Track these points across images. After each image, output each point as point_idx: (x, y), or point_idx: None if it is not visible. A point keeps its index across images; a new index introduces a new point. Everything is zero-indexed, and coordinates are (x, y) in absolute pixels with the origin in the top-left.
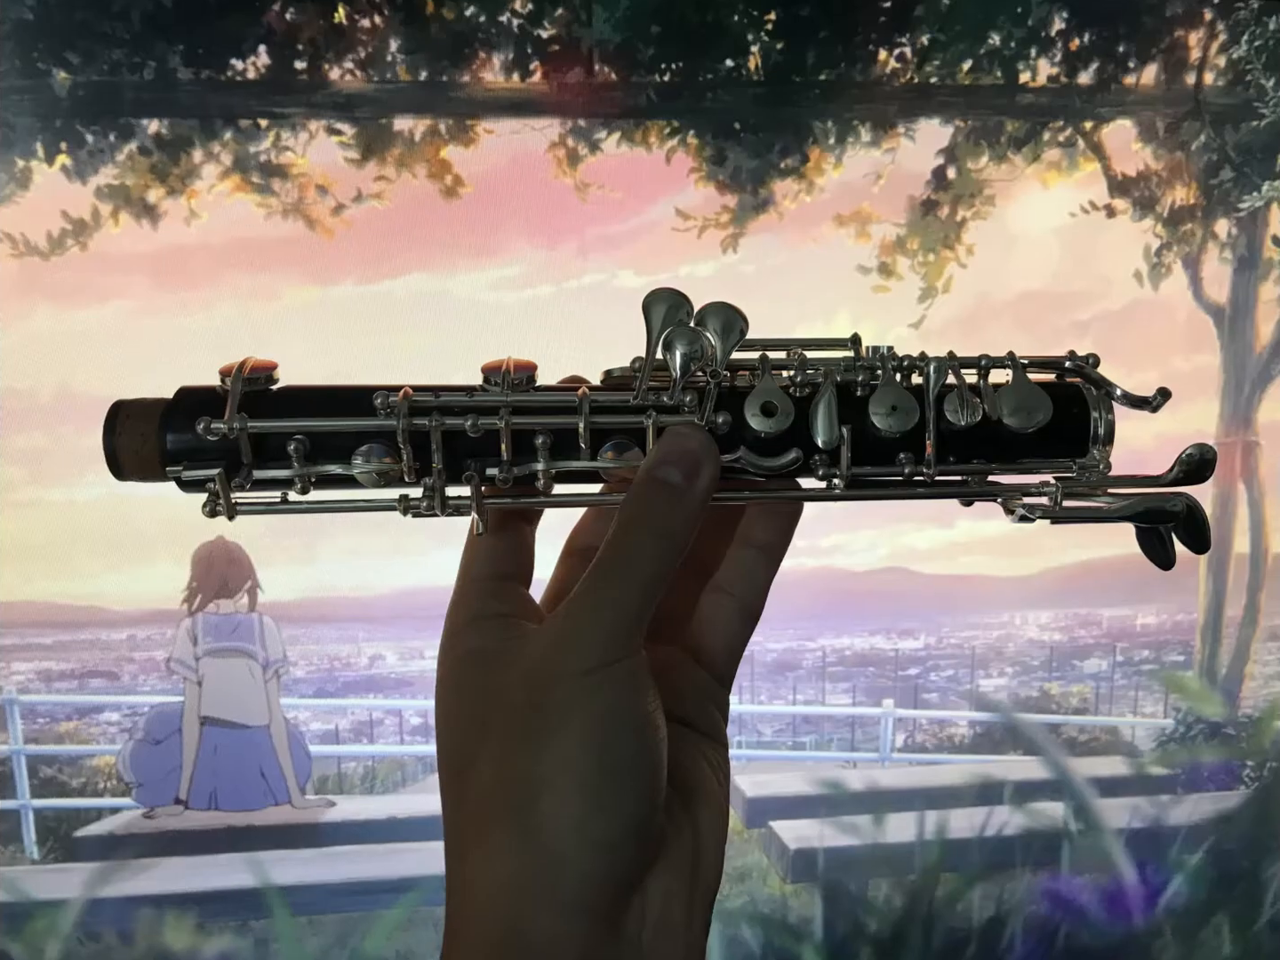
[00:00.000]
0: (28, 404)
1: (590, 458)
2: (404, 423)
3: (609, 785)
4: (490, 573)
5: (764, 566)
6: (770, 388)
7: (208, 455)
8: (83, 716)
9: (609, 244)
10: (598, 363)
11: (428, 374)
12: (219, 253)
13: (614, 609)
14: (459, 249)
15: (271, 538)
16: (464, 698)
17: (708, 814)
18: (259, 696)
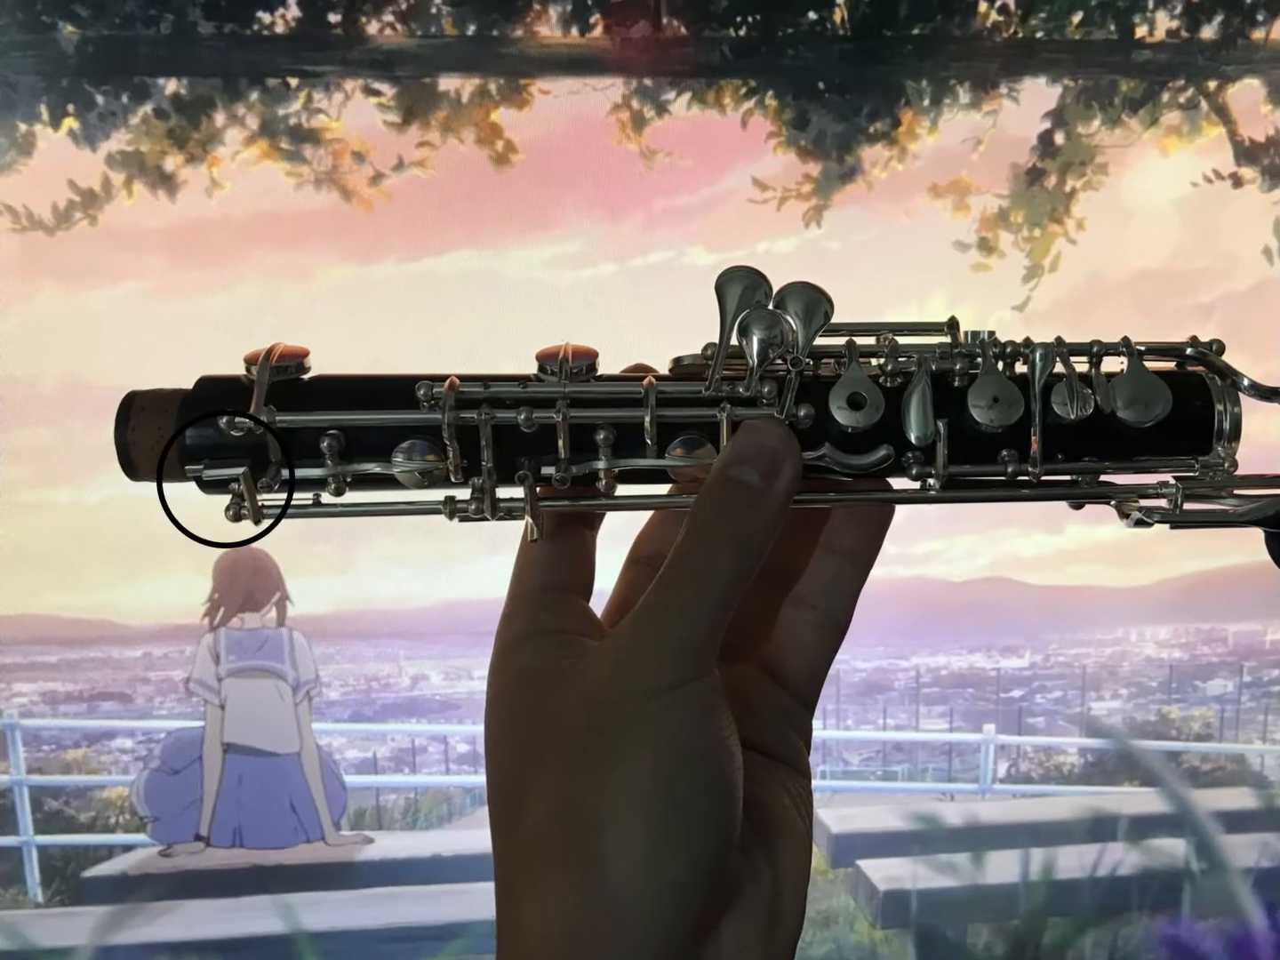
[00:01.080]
0: (31, 395)
1: (657, 455)
2: (450, 416)
3: (678, 820)
4: (546, 583)
5: (851, 576)
6: (858, 377)
7: (231, 452)
8: (92, 743)
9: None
10: (665, 350)
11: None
12: (244, 227)
13: (684, 624)
14: (511, 223)
15: (302, 544)
16: (517, 722)
17: (788, 852)
18: (288, 721)
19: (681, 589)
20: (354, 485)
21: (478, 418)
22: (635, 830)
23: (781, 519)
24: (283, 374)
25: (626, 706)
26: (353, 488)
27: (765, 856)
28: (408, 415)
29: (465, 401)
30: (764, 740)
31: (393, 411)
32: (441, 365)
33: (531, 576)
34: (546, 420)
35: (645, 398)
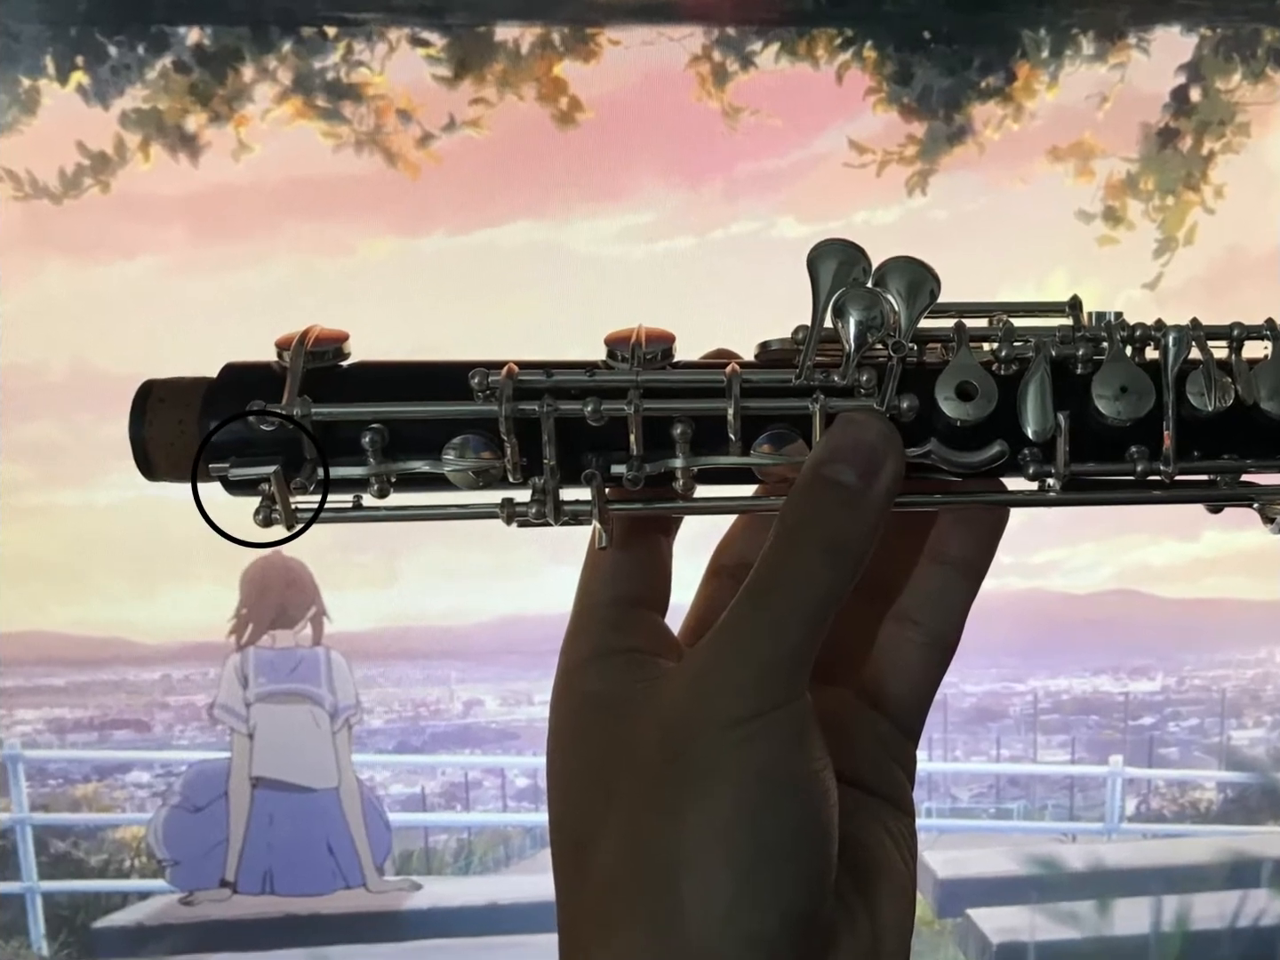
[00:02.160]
0: (34, 385)
1: (742, 452)
2: (508, 408)
3: (765, 864)
4: (616, 597)
5: (960, 589)
6: (968, 364)
7: (261, 449)
8: (104, 777)
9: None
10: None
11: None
12: (275, 195)
13: (771, 642)
14: (576, 191)
15: (341, 553)
16: (583, 754)
17: (889, 899)
18: (325, 752)
19: (769, 603)
20: (399, 486)
21: (539, 410)
22: (717, 876)
23: (881, 523)
24: (319, 360)
25: (707, 736)
26: (398, 489)
27: (863, 905)
28: (460, 407)
29: (525, 391)
30: (862, 773)
31: (443, 403)
32: (498, 351)
33: (600, 589)
34: (617, 413)
35: (728, 387)
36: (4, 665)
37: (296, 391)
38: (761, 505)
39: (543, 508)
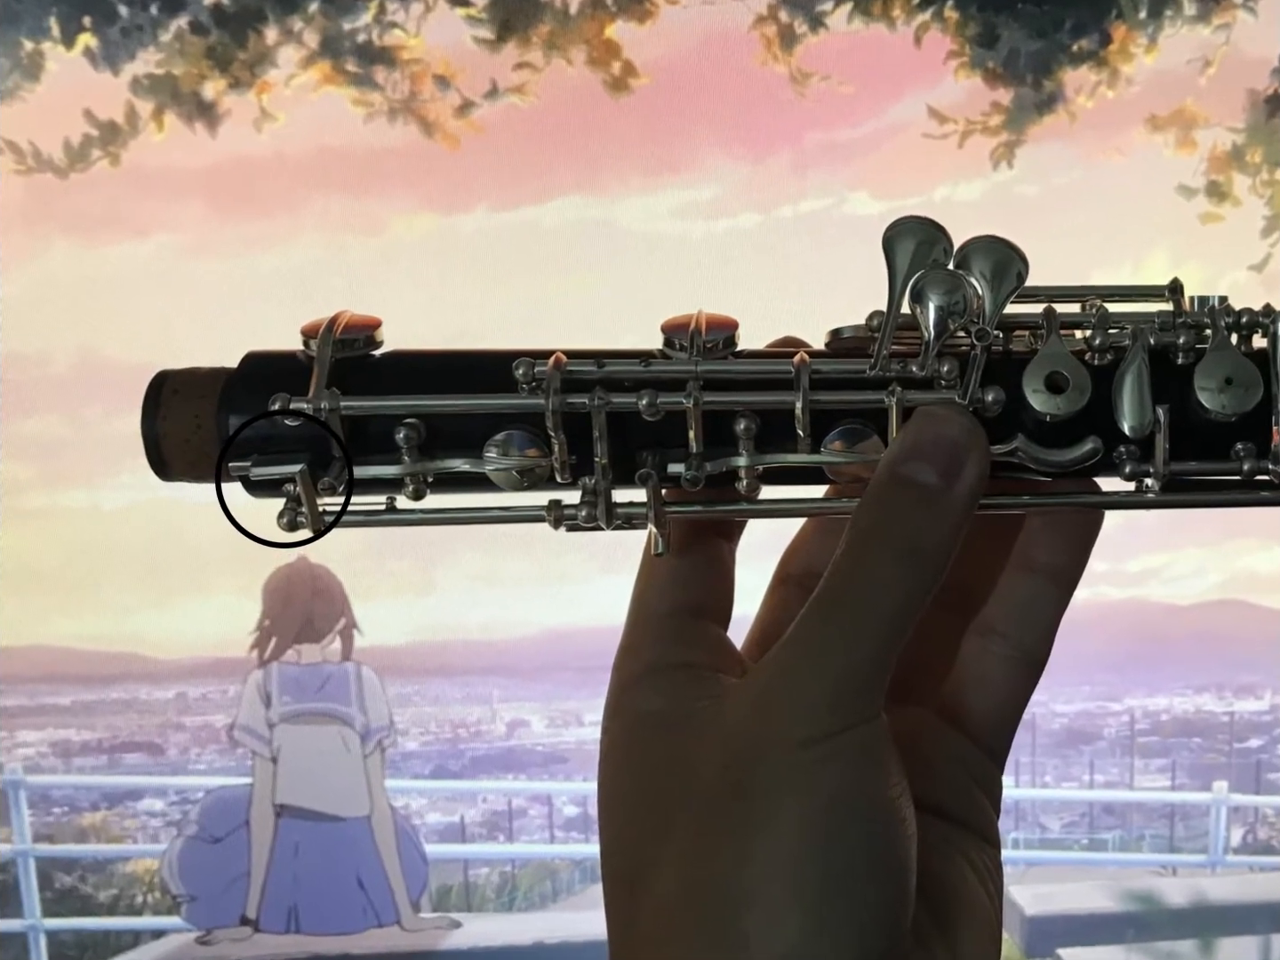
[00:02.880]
0: (38, 376)
1: (811, 449)
2: (555, 401)
3: (836, 898)
4: (674, 607)
5: (1049, 599)
6: (1058, 354)
7: (286, 446)
8: (114, 805)
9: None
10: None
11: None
12: (301, 169)
13: (844, 656)
14: (630, 163)
15: (372, 559)
16: (639, 778)
17: (971, 938)
18: (356, 778)
19: (841, 614)
20: (436, 486)
21: (590, 403)
22: (784, 911)
23: (964, 527)
24: (349, 349)
25: (773, 758)
26: (434, 489)
27: (943, 944)
28: (503, 400)
29: (574, 383)
30: (943, 800)
31: (484, 396)
32: (544, 339)
33: (656, 599)
34: (674, 406)
35: (796, 379)
36: (4, 683)
37: (324, 383)
38: (832, 508)
39: (593, 510)
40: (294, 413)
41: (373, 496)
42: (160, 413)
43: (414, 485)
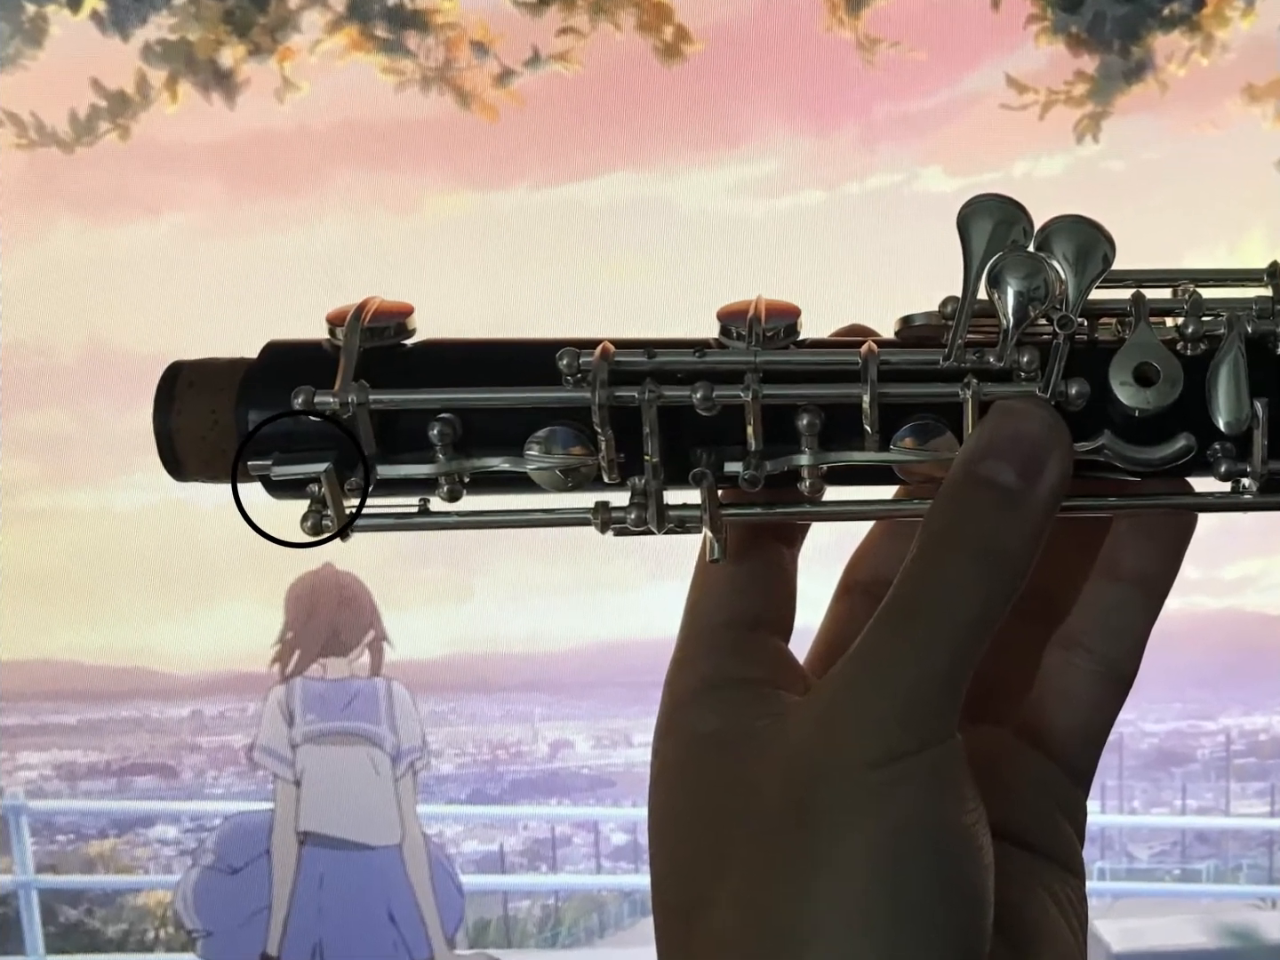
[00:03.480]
0: (41, 367)
1: (879, 446)
2: (603, 395)
3: (907, 933)
4: (731, 618)
5: (1138, 609)
6: (1148, 343)
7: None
8: (123, 833)
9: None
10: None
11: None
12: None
13: (915, 671)
14: (683, 136)
15: (404, 566)
16: (693, 804)
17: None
18: (386, 803)
19: (913, 624)
20: (473, 487)
21: (639, 397)
22: (850, 947)
23: (1045, 531)
24: (378, 338)
25: (839, 782)
26: (471, 490)
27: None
28: (546, 394)
29: (623, 375)
30: (1022, 827)
31: (525, 389)
32: (590, 327)
33: (712, 609)
34: (731, 400)
35: (863, 370)
36: (5, 700)
37: (351, 375)
38: (903, 510)
39: (643, 513)
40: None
41: (404, 498)
42: (174, 407)
43: (449, 486)
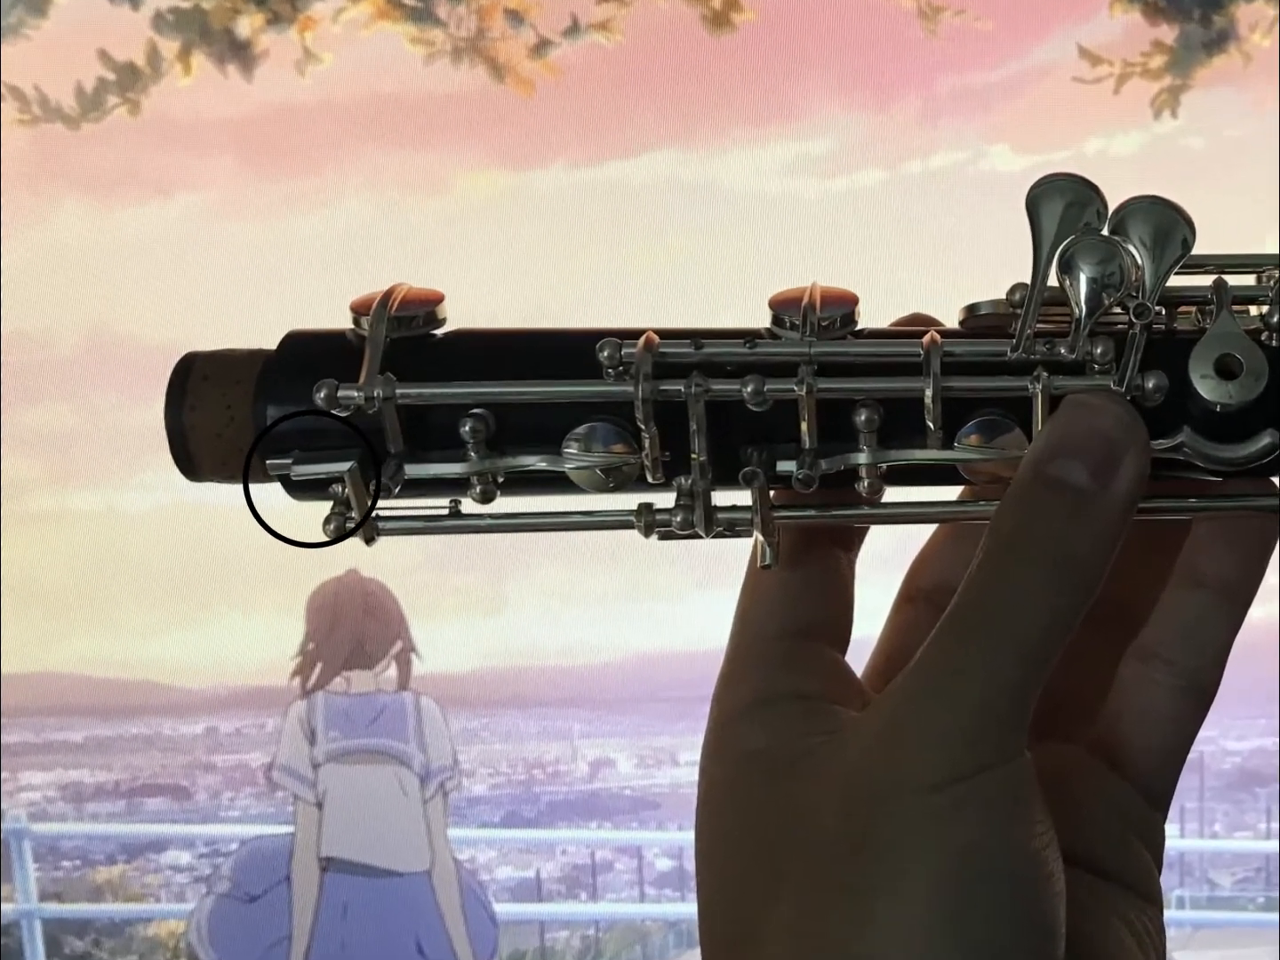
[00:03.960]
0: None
1: (943, 444)
2: (647, 388)
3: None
4: (784, 628)
5: (1219, 618)
6: (1231, 333)
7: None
8: (133, 858)
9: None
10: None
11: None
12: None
13: (981, 685)
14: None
15: (434, 572)
16: (743, 828)
17: None
18: (414, 826)
19: (978, 635)
20: (507, 488)
21: (686, 391)
22: None
23: (1120, 535)
24: (406, 328)
25: (900, 804)
26: (505, 491)
27: None
28: (585, 387)
29: (668, 367)
30: (1095, 852)
31: (563, 382)
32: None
33: (763, 619)
34: (784, 394)
35: (926, 362)
36: (6, 716)
37: (377, 368)
38: (968, 512)
39: (690, 515)
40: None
41: (434, 499)
42: (187, 402)
43: (482, 486)
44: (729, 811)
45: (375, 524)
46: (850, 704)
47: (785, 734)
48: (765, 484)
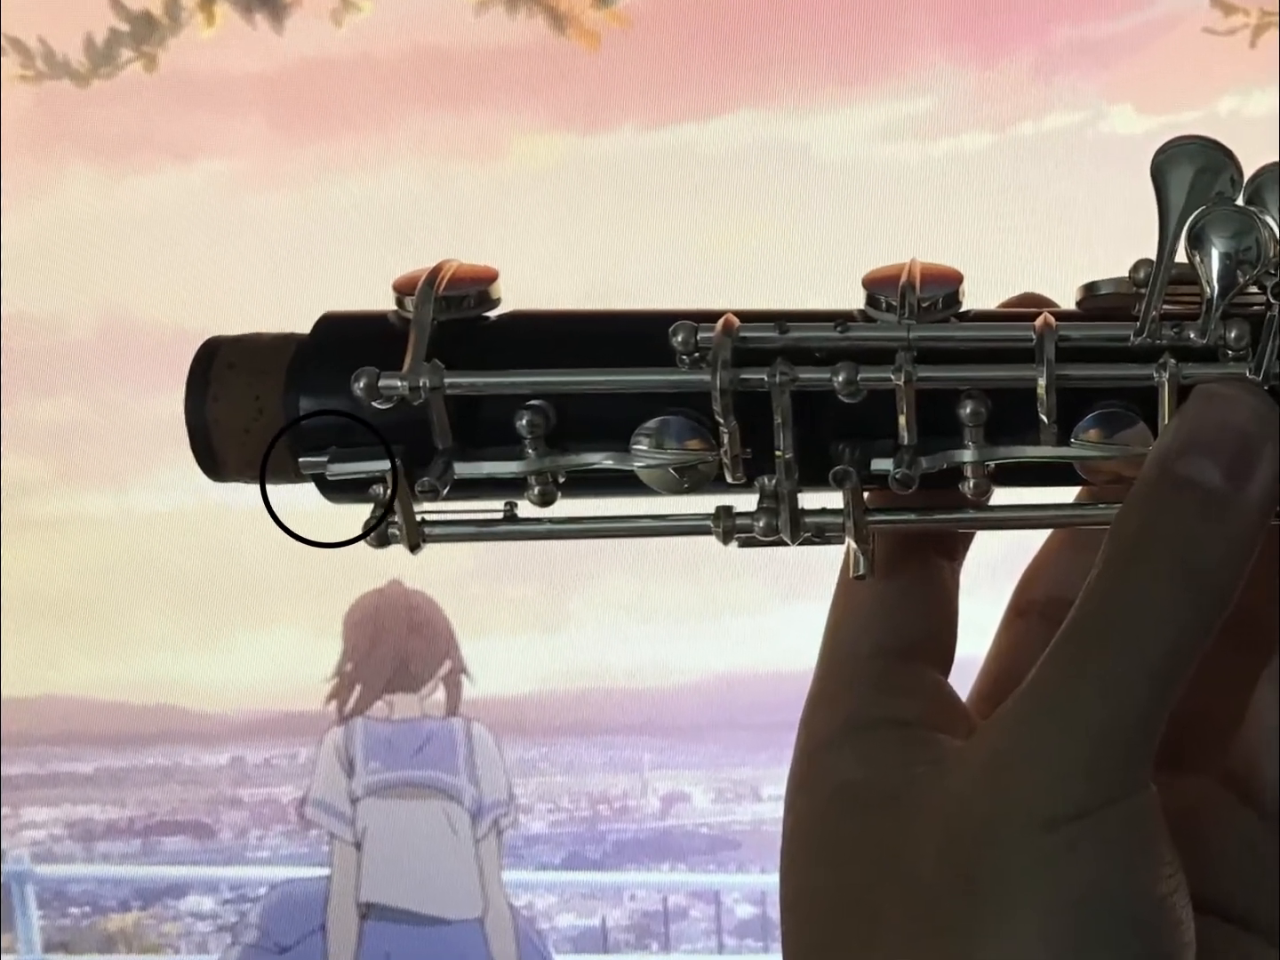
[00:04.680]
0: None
1: (1058, 440)
2: (725, 377)
3: None
4: (880, 646)
5: None
6: None
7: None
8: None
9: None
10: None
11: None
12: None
13: (1103, 710)
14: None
15: (485, 583)
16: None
17: None
18: (465, 868)
19: (1099, 653)
20: (568, 489)
21: (770, 380)
22: None
23: (1257, 541)
24: (456, 310)
25: (1010, 843)
26: (566, 492)
27: None
28: (657, 376)
29: (750, 354)
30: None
31: (632, 370)
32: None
33: (857, 636)
34: (880, 384)
35: (1039, 348)
36: (7, 745)
37: (424, 354)
38: (1085, 516)
39: (774, 519)
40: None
41: (487, 501)
42: (210, 393)
43: (540, 487)
44: (818, 852)
45: (421, 529)
46: (954, 731)
47: (881, 764)
48: (859, 484)
